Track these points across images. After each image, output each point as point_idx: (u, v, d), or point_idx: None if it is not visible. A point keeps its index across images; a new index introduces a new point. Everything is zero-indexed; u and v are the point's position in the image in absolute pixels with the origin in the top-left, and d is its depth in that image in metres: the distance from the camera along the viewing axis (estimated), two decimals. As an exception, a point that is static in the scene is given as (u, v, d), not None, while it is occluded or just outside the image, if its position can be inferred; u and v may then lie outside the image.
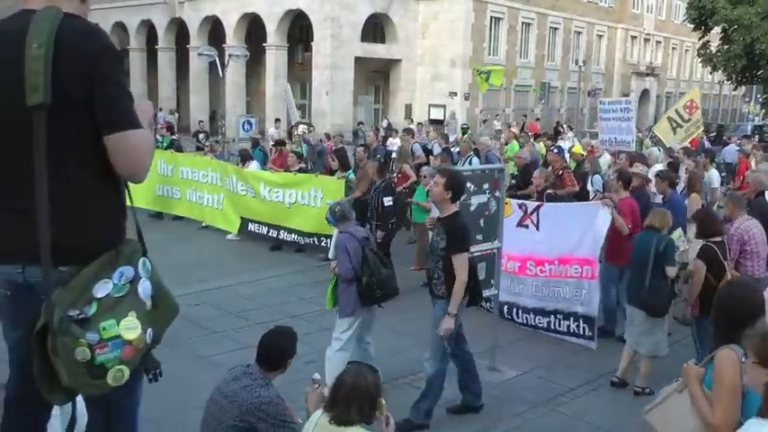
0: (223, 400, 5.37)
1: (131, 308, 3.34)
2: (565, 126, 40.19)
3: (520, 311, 11.56)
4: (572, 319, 10.90)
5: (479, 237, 9.35)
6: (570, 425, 8.36)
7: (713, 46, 54.29)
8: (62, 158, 3.33)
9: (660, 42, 71.85)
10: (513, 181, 17.52)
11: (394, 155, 21.45)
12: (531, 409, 8.64)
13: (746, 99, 41.07)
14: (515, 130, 31.71)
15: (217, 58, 33.01)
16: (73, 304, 3.25)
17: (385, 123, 40.61)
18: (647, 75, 68.71)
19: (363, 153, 17.36)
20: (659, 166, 15.22)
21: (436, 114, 47.29)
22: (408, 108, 48.64)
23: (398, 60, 48.78)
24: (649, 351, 9.03)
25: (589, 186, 15.39)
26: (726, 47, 51.86)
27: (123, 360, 3.29)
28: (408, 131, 24.77)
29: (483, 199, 9.34)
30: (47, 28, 3.25)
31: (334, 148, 21.88)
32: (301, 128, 26.79)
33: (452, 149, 21.80)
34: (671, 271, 8.99)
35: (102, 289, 3.31)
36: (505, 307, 11.55)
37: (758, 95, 41.05)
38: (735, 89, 62.05)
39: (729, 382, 4.33)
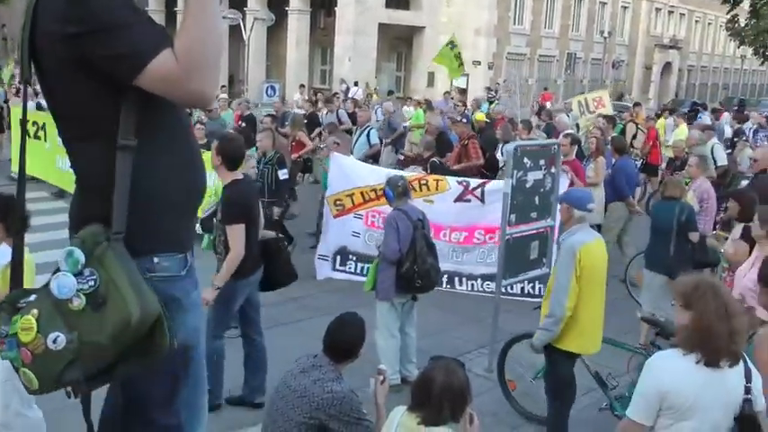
0: (291, 394, 4.97)
1: (37, 305, 2.82)
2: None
3: (464, 279, 11.41)
4: (526, 281, 10.84)
5: (533, 215, 9.07)
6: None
7: (741, 20, 53.58)
8: (64, 127, 2.99)
9: (684, 15, 70.98)
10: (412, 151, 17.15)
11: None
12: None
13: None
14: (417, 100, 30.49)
15: (241, 22, 32.61)
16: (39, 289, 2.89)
17: (344, 87, 37.66)
18: (671, 47, 67.81)
19: (271, 122, 15.80)
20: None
21: (459, 83, 46.63)
22: (431, 76, 47.99)
23: (422, 28, 48.10)
24: (670, 314, 8.76)
25: (499, 155, 15.06)
26: (754, 21, 51.15)
27: (25, 363, 2.80)
28: (329, 100, 23.16)
29: (539, 175, 8.98)
30: None
31: (241, 115, 20.38)
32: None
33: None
34: (694, 236, 9.42)
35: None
36: (445, 276, 11.21)
37: (787, 71, 40.47)
38: (762, 64, 61.39)
39: None
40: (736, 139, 21.30)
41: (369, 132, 16.75)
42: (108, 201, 2.84)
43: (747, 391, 4.18)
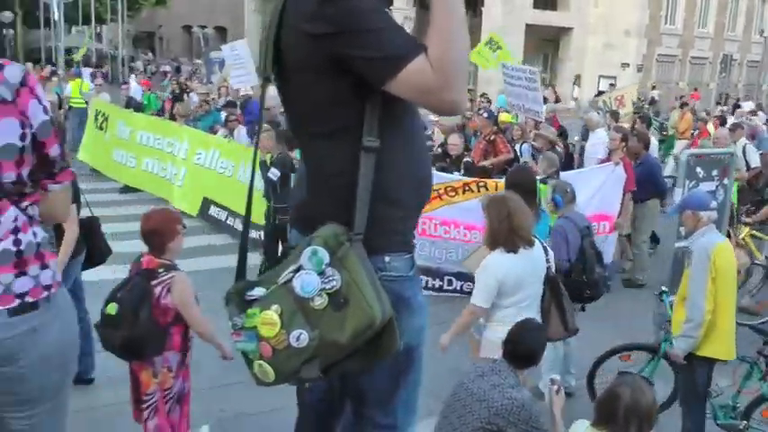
0: (469, 398, 4.88)
1: (278, 301, 2.83)
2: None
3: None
4: None
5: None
6: None
7: None
8: (307, 124, 3.02)
9: None
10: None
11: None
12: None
13: None
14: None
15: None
16: (267, 282, 2.92)
17: None
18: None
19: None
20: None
21: (605, 86, 45.91)
22: (577, 78, 47.39)
23: (569, 28, 47.49)
24: None
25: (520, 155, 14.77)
26: None
27: (264, 356, 2.86)
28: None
29: (711, 186, 8.67)
30: None
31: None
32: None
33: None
34: None
35: (285, 274, 2.87)
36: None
37: None
38: None
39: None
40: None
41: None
42: (345, 200, 2.86)
43: (547, 261, 6.27)
